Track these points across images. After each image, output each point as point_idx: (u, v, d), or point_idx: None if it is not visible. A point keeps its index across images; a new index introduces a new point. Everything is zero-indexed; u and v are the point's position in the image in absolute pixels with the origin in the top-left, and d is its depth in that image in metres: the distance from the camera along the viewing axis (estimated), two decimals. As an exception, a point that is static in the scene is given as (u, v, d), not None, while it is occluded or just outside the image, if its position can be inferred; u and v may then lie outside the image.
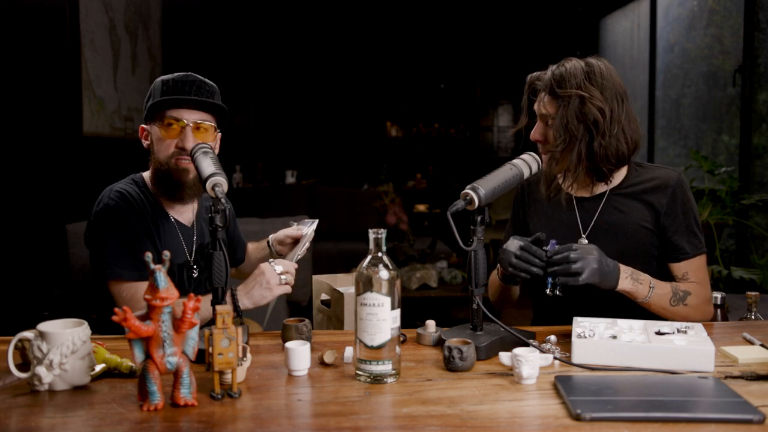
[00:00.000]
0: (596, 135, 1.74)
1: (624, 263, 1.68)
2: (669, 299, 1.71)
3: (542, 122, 1.82)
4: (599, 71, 1.75)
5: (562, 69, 1.77)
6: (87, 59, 4.78)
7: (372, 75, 8.33)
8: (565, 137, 1.75)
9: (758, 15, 4.17)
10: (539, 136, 1.82)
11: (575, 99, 1.73)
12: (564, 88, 1.74)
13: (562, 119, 1.74)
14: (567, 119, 1.74)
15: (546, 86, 1.79)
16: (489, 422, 1.13)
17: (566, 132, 1.74)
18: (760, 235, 4.09)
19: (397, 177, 8.22)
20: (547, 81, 1.78)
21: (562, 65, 1.78)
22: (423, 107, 8.69)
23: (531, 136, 1.84)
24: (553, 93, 1.76)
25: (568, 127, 1.74)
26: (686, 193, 1.82)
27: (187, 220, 1.94)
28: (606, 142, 1.74)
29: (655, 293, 1.69)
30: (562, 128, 1.75)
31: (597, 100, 1.73)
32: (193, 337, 1.22)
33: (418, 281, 4.12)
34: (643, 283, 1.68)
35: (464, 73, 8.55)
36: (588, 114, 1.73)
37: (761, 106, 4.15)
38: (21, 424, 1.13)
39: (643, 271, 1.70)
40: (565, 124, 1.74)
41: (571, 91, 1.73)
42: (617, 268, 1.64)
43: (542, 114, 1.81)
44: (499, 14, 8.03)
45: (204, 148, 1.63)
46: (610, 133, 1.74)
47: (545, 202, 1.90)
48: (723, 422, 1.12)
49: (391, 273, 1.33)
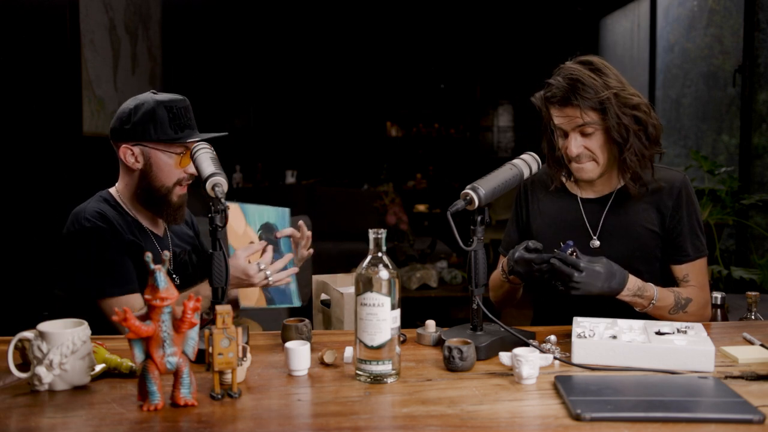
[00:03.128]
0: (646, 119, 1.70)
1: (628, 265, 1.67)
2: (668, 310, 1.72)
3: (576, 133, 1.72)
4: (601, 64, 1.73)
5: (570, 75, 1.69)
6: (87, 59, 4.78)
7: (372, 75, 8.33)
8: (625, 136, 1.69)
9: (758, 15, 4.17)
10: (580, 149, 1.73)
11: (609, 94, 1.67)
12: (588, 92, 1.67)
13: (613, 120, 1.67)
14: (618, 115, 1.67)
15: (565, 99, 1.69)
16: (489, 422, 1.13)
17: (622, 127, 1.68)
18: (760, 235, 4.09)
19: (397, 177, 8.21)
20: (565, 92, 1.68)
21: (569, 72, 1.70)
22: (423, 107, 8.68)
23: (570, 151, 1.73)
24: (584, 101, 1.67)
25: (621, 122, 1.68)
26: (691, 195, 1.81)
27: (160, 230, 1.95)
28: (654, 119, 1.72)
29: (655, 306, 1.69)
30: (617, 125, 1.68)
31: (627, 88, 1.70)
32: (193, 337, 1.22)
33: (418, 281, 4.12)
34: (644, 298, 1.67)
35: (464, 73, 8.54)
36: (628, 102, 1.68)
37: (761, 106, 4.15)
38: (21, 424, 1.13)
39: (646, 273, 1.70)
40: (617, 121, 1.67)
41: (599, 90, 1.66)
42: (623, 284, 1.62)
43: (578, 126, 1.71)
44: (499, 14, 8.02)
45: (204, 148, 1.63)
46: (649, 110, 1.72)
47: (550, 202, 1.90)
48: (723, 422, 1.12)
49: (391, 273, 1.33)
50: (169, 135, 1.81)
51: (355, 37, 8.13)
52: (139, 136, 1.82)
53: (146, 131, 1.81)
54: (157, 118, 1.81)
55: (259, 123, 8.31)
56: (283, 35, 7.99)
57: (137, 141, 1.83)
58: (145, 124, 1.81)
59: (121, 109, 1.86)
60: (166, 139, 1.82)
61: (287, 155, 8.18)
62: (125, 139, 1.84)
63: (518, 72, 8.09)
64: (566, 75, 1.70)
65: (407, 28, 8.13)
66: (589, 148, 1.73)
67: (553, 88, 1.71)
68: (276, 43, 8.00)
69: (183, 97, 1.87)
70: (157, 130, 1.81)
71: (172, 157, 1.83)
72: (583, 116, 1.69)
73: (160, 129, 1.81)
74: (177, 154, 1.84)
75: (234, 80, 7.88)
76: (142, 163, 1.84)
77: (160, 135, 1.81)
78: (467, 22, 8.09)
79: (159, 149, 1.83)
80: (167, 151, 1.83)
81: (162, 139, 1.82)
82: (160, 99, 1.83)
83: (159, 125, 1.81)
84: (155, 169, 1.84)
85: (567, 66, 1.74)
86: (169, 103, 1.83)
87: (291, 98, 8.27)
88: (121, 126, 1.84)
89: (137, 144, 1.83)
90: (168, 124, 1.81)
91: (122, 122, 1.84)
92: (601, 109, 1.68)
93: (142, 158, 1.84)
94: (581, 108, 1.68)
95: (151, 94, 1.85)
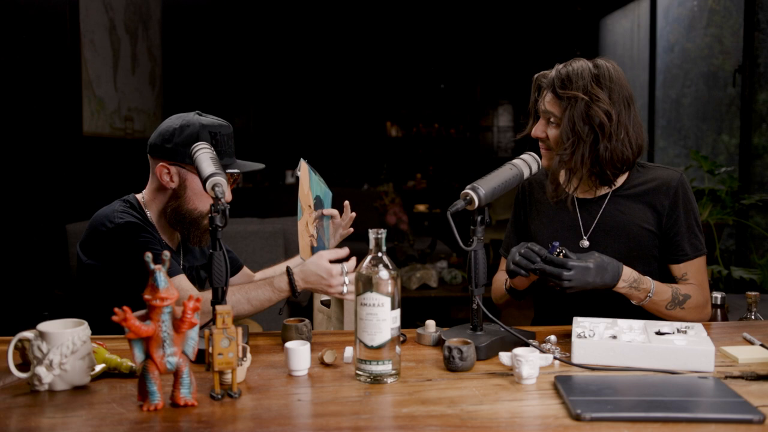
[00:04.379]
0: (602, 138, 1.73)
1: (625, 265, 1.67)
2: (665, 305, 1.72)
3: (544, 119, 1.81)
4: (608, 74, 1.74)
5: (569, 68, 1.75)
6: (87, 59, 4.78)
7: (372, 75, 8.33)
8: (573, 138, 1.74)
9: (758, 15, 4.17)
10: (540, 133, 1.81)
11: (581, 101, 1.71)
12: (568, 89, 1.72)
13: (569, 120, 1.73)
14: (573, 120, 1.73)
15: (549, 85, 1.77)
16: (489, 422, 1.13)
17: (573, 133, 1.73)
18: (760, 235, 4.09)
19: (397, 177, 8.22)
20: (551, 80, 1.77)
21: (570, 65, 1.76)
22: (423, 107, 8.69)
23: (532, 132, 1.83)
24: (556, 92, 1.75)
25: (574, 129, 1.73)
26: (688, 194, 1.81)
27: (174, 243, 1.91)
28: (611, 146, 1.73)
29: (652, 300, 1.69)
30: (569, 129, 1.73)
31: (604, 103, 1.71)
32: (193, 337, 1.22)
33: (418, 281, 4.12)
34: (641, 291, 1.68)
35: (464, 73, 8.55)
36: (594, 117, 1.71)
37: (761, 106, 4.16)
38: (21, 424, 1.13)
39: (644, 273, 1.70)
40: (571, 125, 1.73)
41: (576, 92, 1.71)
42: (617, 276, 1.63)
43: (544, 111, 1.79)
44: (499, 14, 8.03)
45: (204, 148, 1.62)
46: (616, 137, 1.73)
47: (548, 203, 1.90)
48: (723, 422, 1.12)
49: (391, 273, 1.33)
50: None
51: (355, 37, 8.13)
52: (180, 157, 1.76)
53: (187, 154, 1.71)
54: (196, 137, 1.75)
55: (259, 123, 8.31)
56: (283, 35, 7.99)
57: (176, 162, 1.78)
58: (188, 147, 1.71)
59: (164, 126, 1.80)
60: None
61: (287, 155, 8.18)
62: (164, 157, 1.78)
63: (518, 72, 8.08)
64: (569, 64, 1.77)
65: (407, 28, 8.14)
66: (548, 135, 1.80)
67: (551, 72, 1.79)
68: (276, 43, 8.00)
69: (227, 123, 1.82)
70: None
71: None
72: (548, 104, 1.78)
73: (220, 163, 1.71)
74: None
75: (234, 80, 7.88)
76: (177, 183, 1.79)
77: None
78: (467, 22, 8.10)
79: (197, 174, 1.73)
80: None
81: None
82: (206, 123, 1.78)
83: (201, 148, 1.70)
84: (189, 192, 1.79)
85: (579, 59, 1.78)
86: (213, 129, 1.77)
87: (291, 98, 8.28)
88: (162, 144, 1.78)
89: (175, 164, 1.78)
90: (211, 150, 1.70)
91: (164, 140, 1.78)
92: (566, 107, 1.74)
93: (178, 179, 1.79)
94: (551, 96, 1.77)
95: (197, 116, 1.80)
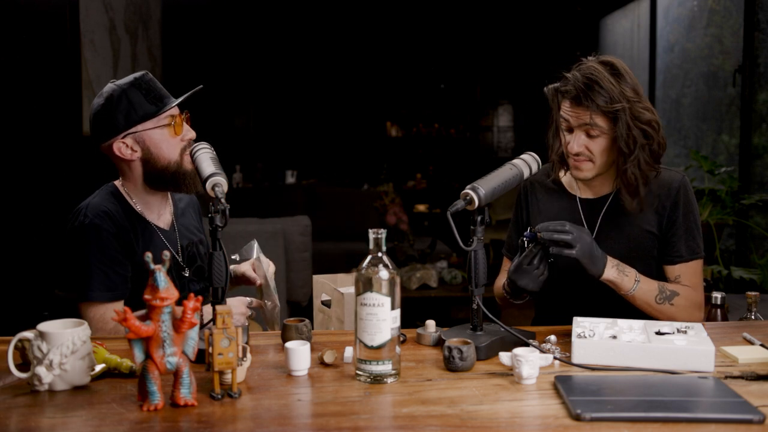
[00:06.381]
0: (654, 135, 1.70)
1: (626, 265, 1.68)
2: (655, 296, 1.70)
3: (581, 132, 1.70)
4: (623, 70, 1.70)
5: (592, 76, 1.66)
6: (87, 59, 4.78)
7: (372, 75, 8.33)
8: (631, 148, 1.68)
9: (758, 15, 4.17)
10: (580, 147, 1.71)
11: (625, 107, 1.65)
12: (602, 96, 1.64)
13: (623, 130, 1.66)
14: (628, 125, 1.66)
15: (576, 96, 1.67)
16: (489, 422, 1.13)
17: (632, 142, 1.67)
18: (760, 235, 4.09)
19: (397, 177, 8.22)
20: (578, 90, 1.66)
21: (588, 70, 1.67)
22: (423, 107, 8.69)
23: (570, 148, 1.72)
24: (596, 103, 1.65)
25: (630, 134, 1.67)
26: (689, 195, 1.80)
27: (166, 223, 1.90)
28: (661, 137, 1.72)
29: (640, 287, 1.68)
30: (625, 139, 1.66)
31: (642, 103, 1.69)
32: (193, 337, 1.22)
33: (418, 281, 4.12)
34: (629, 276, 1.67)
35: (464, 73, 8.55)
36: (641, 117, 1.67)
37: (761, 106, 4.15)
38: (21, 424, 1.13)
39: (643, 273, 1.70)
40: (626, 134, 1.66)
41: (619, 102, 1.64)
42: (605, 257, 1.65)
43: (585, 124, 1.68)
44: (499, 14, 8.03)
45: (204, 148, 1.62)
46: (659, 126, 1.72)
47: (549, 202, 1.90)
48: (723, 422, 1.12)
49: (391, 273, 1.33)
50: (151, 110, 1.76)
51: (355, 37, 8.13)
52: (123, 125, 1.76)
53: (129, 117, 1.75)
54: (132, 100, 1.76)
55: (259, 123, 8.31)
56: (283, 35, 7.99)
57: (124, 131, 1.77)
58: (124, 111, 1.75)
59: (93, 112, 1.80)
60: (151, 115, 1.76)
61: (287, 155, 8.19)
62: (112, 135, 1.77)
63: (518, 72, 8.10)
64: (585, 73, 1.67)
65: (407, 28, 8.13)
66: (590, 149, 1.71)
67: (569, 83, 1.69)
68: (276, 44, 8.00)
69: (144, 71, 1.82)
70: (138, 111, 1.76)
71: (165, 129, 1.78)
72: (592, 118, 1.67)
73: (141, 109, 1.76)
74: (167, 125, 1.78)
75: (234, 80, 7.88)
76: (139, 150, 1.78)
77: (144, 114, 1.76)
78: (467, 22, 8.10)
79: (149, 128, 1.77)
80: (157, 126, 1.78)
81: (147, 117, 1.76)
82: (123, 83, 1.78)
83: (138, 106, 1.76)
84: (155, 149, 1.79)
85: (588, 64, 1.71)
86: (136, 82, 1.78)
87: (291, 98, 8.28)
88: (103, 125, 1.78)
89: (126, 134, 1.77)
90: (145, 101, 1.76)
91: (102, 121, 1.78)
92: (613, 118, 1.67)
93: (138, 145, 1.78)
94: (592, 110, 1.66)
95: (112, 84, 1.81)
